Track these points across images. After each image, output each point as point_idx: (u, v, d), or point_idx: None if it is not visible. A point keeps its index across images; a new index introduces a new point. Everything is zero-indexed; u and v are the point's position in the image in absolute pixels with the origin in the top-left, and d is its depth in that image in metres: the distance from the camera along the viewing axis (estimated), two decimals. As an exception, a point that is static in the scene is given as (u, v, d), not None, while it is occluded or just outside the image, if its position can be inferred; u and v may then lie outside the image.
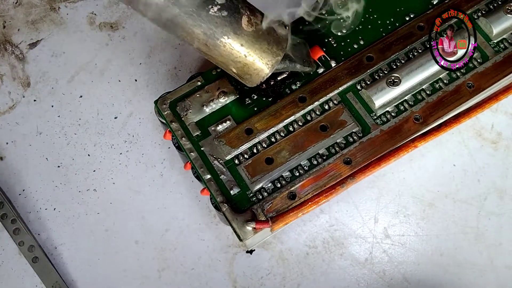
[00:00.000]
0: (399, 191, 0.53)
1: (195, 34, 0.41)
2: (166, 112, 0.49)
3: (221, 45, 0.42)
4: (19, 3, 0.61)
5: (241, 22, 0.42)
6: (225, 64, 0.44)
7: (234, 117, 0.48)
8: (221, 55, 0.43)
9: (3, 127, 0.56)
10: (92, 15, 0.60)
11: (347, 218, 0.52)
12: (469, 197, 0.53)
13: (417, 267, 0.51)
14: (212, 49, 0.42)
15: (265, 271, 0.51)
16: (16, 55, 0.59)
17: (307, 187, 0.46)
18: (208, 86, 0.49)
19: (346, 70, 0.49)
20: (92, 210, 0.53)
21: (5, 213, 0.52)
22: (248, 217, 0.44)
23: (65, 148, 0.55)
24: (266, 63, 0.44)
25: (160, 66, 0.58)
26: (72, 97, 0.57)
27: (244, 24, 0.42)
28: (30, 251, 0.51)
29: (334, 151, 0.47)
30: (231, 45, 0.42)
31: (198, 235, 0.52)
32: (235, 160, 0.47)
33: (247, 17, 0.42)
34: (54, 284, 0.51)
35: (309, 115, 0.48)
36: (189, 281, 0.51)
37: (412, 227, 0.52)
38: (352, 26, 0.50)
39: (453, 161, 0.54)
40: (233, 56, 0.43)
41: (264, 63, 0.44)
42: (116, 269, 0.52)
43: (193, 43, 0.42)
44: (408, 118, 0.47)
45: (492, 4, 0.51)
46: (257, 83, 0.45)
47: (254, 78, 0.45)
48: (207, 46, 0.42)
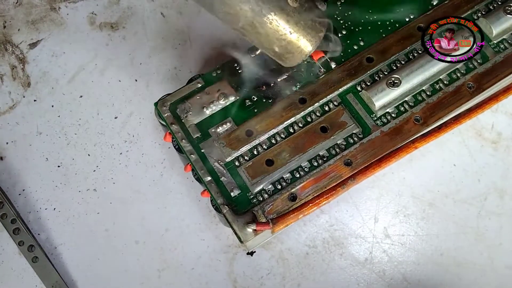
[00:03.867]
0: (399, 191, 0.53)
1: (243, 11, 0.41)
2: (166, 114, 0.49)
3: (268, 22, 0.42)
4: (20, 3, 0.61)
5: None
6: (268, 43, 0.44)
7: (234, 119, 0.48)
8: (266, 33, 0.43)
9: (3, 127, 0.56)
10: (92, 15, 0.60)
11: (347, 218, 0.53)
12: (469, 197, 0.53)
13: (417, 267, 0.51)
14: (258, 27, 0.42)
15: (265, 271, 0.51)
16: (16, 55, 0.59)
17: (307, 188, 0.45)
18: (208, 88, 0.49)
19: (346, 71, 0.49)
20: (92, 210, 0.53)
21: (5, 213, 0.52)
22: (248, 219, 0.44)
23: (65, 148, 0.55)
24: (310, 40, 0.44)
25: (160, 66, 0.58)
26: (72, 97, 0.57)
27: (289, 0, 0.42)
28: (30, 251, 0.52)
29: (335, 153, 0.46)
30: (278, 21, 0.42)
31: (198, 235, 0.52)
32: (235, 162, 0.47)
33: None
34: (54, 284, 0.51)
35: (309, 117, 0.48)
36: (189, 281, 0.51)
37: (412, 227, 0.52)
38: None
39: (453, 161, 0.54)
40: (279, 33, 0.43)
41: (308, 39, 0.44)
42: (116, 269, 0.52)
43: (238, 22, 0.42)
44: (409, 119, 0.47)
45: (492, 4, 0.51)
46: (299, 61, 0.45)
47: (296, 56, 0.45)
48: (253, 25, 0.42)
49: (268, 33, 0.43)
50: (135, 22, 0.60)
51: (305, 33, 0.43)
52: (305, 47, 0.44)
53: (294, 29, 0.43)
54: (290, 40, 0.43)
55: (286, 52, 0.44)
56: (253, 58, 0.50)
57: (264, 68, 0.50)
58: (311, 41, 0.44)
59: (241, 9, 0.41)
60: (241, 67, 0.50)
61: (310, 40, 0.44)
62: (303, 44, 0.44)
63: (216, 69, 0.50)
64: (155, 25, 0.59)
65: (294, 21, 0.42)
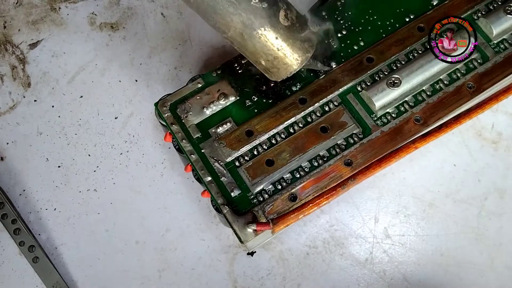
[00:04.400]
0: (399, 191, 0.53)
1: (234, 23, 0.42)
2: (166, 114, 0.49)
3: (257, 36, 0.42)
4: (20, 3, 0.61)
5: (278, 16, 0.42)
6: (255, 55, 0.44)
7: (234, 119, 0.48)
8: (254, 46, 0.43)
9: (4, 128, 0.56)
10: (92, 16, 0.60)
11: (347, 218, 0.53)
12: (470, 197, 0.53)
13: (417, 267, 0.51)
14: (246, 40, 0.43)
15: (265, 271, 0.51)
16: (16, 55, 0.59)
17: (308, 188, 0.45)
18: (208, 88, 0.49)
19: (347, 71, 0.49)
20: (92, 210, 0.53)
21: (5, 213, 0.52)
22: (249, 219, 0.44)
23: (66, 148, 0.55)
24: (296, 59, 0.44)
25: (161, 66, 0.58)
26: (72, 97, 0.57)
27: (281, 18, 0.42)
28: (30, 251, 0.52)
29: (335, 153, 0.46)
30: (267, 37, 0.42)
31: (199, 235, 0.52)
32: (235, 162, 0.47)
33: (284, 11, 0.42)
34: (54, 284, 0.51)
35: (309, 117, 0.48)
36: (189, 281, 0.51)
37: (413, 227, 0.52)
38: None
39: (453, 161, 0.54)
40: (266, 48, 0.43)
41: (294, 58, 0.44)
42: (116, 269, 0.52)
43: (228, 31, 0.43)
44: (409, 119, 0.47)
45: (492, 4, 0.51)
46: (283, 77, 0.46)
47: (281, 72, 0.45)
48: (242, 36, 0.42)
49: (256, 47, 0.43)
50: (135, 22, 0.60)
51: (292, 51, 0.44)
52: (291, 65, 0.45)
53: (282, 47, 0.43)
54: (276, 56, 0.44)
55: (272, 66, 0.45)
56: None
57: None
58: (297, 60, 0.44)
59: (232, 21, 0.42)
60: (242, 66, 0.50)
61: (296, 59, 0.44)
62: (289, 61, 0.44)
63: (216, 69, 0.50)
64: (155, 25, 0.59)
65: (283, 38, 0.43)
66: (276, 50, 0.43)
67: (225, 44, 0.58)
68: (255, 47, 0.43)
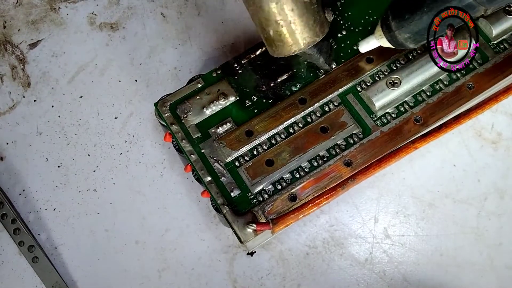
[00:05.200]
0: (399, 191, 0.53)
1: None
2: (166, 115, 0.49)
3: (274, 1, 0.41)
4: (20, 3, 0.60)
5: None
6: (265, 23, 0.43)
7: (234, 119, 0.48)
8: (268, 12, 0.42)
9: (4, 127, 0.56)
10: (92, 15, 0.60)
11: (347, 218, 0.53)
12: (469, 197, 0.53)
13: (417, 267, 0.51)
14: (263, 2, 0.42)
15: (265, 271, 0.51)
16: (16, 55, 0.59)
17: (307, 189, 0.46)
18: (208, 88, 0.49)
19: (346, 71, 0.49)
20: (92, 210, 0.53)
21: (5, 213, 0.52)
22: (248, 219, 0.44)
23: (65, 148, 0.55)
24: (304, 38, 0.44)
25: (160, 66, 0.58)
26: (72, 97, 0.57)
27: None
28: (30, 251, 0.52)
29: (335, 153, 0.46)
30: (283, 5, 0.42)
31: (198, 235, 0.52)
32: (235, 162, 0.47)
33: None
34: (54, 284, 0.51)
35: (309, 117, 0.48)
36: (189, 281, 0.51)
37: (412, 227, 0.52)
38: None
39: (453, 161, 0.54)
40: (279, 17, 0.42)
41: (302, 37, 0.44)
42: (116, 269, 0.52)
43: None
44: (409, 119, 0.47)
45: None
46: (285, 55, 0.45)
47: (285, 48, 0.45)
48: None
49: (270, 12, 0.42)
50: (135, 22, 0.59)
51: (303, 29, 0.43)
52: (297, 43, 0.44)
53: (295, 21, 0.43)
54: (286, 28, 0.43)
55: (278, 39, 0.44)
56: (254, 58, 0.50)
57: (263, 68, 0.50)
58: (305, 40, 0.44)
59: None
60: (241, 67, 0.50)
61: (304, 38, 0.44)
62: (296, 39, 0.44)
63: (216, 69, 0.50)
64: (155, 25, 0.59)
65: (298, 13, 0.42)
66: (288, 23, 0.42)
67: (225, 44, 0.58)
68: (268, 13, 0.42)
